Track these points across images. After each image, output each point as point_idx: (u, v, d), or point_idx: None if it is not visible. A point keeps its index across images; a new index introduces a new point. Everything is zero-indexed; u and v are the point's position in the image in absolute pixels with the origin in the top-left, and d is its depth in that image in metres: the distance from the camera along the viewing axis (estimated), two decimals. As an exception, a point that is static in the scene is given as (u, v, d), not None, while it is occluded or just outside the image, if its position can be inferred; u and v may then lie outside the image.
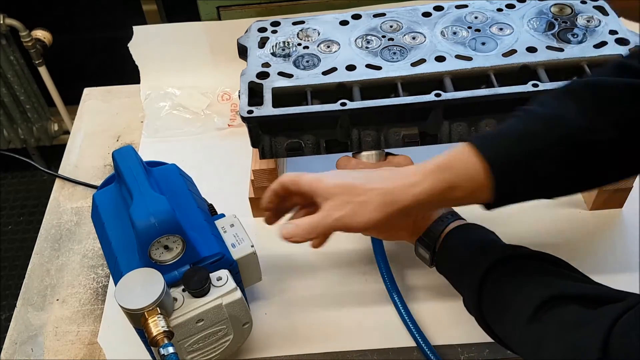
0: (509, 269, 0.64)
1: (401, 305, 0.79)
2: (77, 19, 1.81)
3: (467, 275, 0.66)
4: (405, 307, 0.79)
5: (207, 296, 0.66)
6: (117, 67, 1.28)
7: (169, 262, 0.66)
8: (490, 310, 0.64)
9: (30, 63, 1.81)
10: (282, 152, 0.82)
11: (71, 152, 1.09)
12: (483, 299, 0.64)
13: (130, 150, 0.71)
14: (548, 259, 0.65)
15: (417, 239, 0.74)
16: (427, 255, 0.73)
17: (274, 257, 0.87)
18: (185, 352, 0.68)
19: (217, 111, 1.09)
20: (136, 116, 1.12)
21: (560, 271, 0.63)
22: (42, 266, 0.91)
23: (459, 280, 0.69)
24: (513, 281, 0.63)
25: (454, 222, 0.72)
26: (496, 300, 0.63)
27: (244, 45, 0.88)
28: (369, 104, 0.78)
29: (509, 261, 0.64)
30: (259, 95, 0.81)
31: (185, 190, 0.75)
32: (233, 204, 0.83)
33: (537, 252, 0.66)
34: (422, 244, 0.73)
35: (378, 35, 0.87)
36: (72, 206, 0.99)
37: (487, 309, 0.65)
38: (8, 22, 1.69)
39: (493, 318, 0.64)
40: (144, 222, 0.63)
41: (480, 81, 0.80)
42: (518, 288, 0.61)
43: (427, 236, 0.72)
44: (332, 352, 0.78)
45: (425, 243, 0.72)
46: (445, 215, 0.73)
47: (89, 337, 0.82)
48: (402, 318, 0.79)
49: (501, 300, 0.63)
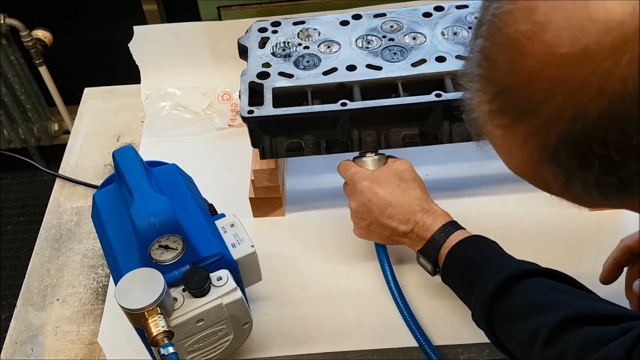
0: (521, 286, 0.64)
1: (403, 304, 0.79)
2: (77, 19, 1.81)
3: (477, 290, 0.67)
4: (407, 306, 0.79)
5: (207, 296, 0.66)
6: (117, 67, 1.28)
7: (169, 262, 0.66)
8: (502, 327, 0.65)
9: (30, 63, 1.81)
10: (282, 152, 0.82)
11: (71, 152, 1.08)
12: (494, 316, 0.65)
13: (130, 150, 0.71)
14: (557, 276, 0.65)
15: (419, 250, 0.74)
16: (430, 267, 0.74)
17: (274, 257, 0.87)
18: (185, 352, 0.68)
19: (218, 111, 1.09)
20: (136, 116, 1.12)
21: (571, 289, 0.63)
22: (42, 266, 0.91)
23: (467, 294, 0.70)
24: (525, 300, 0.63)
25: (455, 232, 0.72)
26: (508, 318, 0.64)
27: (245, 45, 0.88)
28: (369, 104, 0.78)
29: (520, 278, 0.64)
30: (259, 95, 0.81)
31: (185, 190, 0.75)
32: (233, 204, 0.83)
33: (546, 269, 0.66)
34: (424, 255, 0.74)
35: (378, 36, 0.87)
36: (72, 206, 0.99)
37: (498, 326, 0.65)
38: (8, 22, 1.69)
39: (505, 334, 0.65)
40: (144, 222, 0.63)
41: (481, 81, 0.80)
42: (532, 308, 0.61)
43: (428, 247, 0.73)
44: (332, 352, 0.78)
45: (426, 254, 0.73)
46: (446, 226, 0.73)
47: (89, 337, 0.82)
48: (403, 317, 0.79)
49: (514, 320, 0.63)
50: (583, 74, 0.34)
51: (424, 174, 0.98)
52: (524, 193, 0.92)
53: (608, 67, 0.33)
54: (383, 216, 0.75)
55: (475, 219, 0.89)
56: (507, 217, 0.90)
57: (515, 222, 0.88)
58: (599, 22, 0.33)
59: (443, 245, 0.72)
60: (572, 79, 0.34)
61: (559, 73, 0.35)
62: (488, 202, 0.92)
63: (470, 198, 0.93)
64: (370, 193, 0.76)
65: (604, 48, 0.33)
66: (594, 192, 0.39)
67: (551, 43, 0.35)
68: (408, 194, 0.76)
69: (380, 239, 0.79)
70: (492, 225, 0.88)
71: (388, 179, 0.77)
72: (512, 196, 0.92)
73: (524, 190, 0.92)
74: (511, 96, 0.38)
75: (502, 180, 0.93)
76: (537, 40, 0.36)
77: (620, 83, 0.33)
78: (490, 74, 0.40)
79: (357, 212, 0.78)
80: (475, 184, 0.94)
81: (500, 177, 0.94)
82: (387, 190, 0.76)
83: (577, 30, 0.34)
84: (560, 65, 0.35)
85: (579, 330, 0.56)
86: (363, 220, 0.78)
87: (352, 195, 0.78)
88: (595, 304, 0.61)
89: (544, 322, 0.58)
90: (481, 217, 0.90)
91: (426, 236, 0.73)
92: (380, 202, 0.75)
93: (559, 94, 0.35)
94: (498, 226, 0.89)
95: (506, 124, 0.40)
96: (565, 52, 0.34)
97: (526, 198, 0.91)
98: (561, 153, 0.38)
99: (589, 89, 0.34)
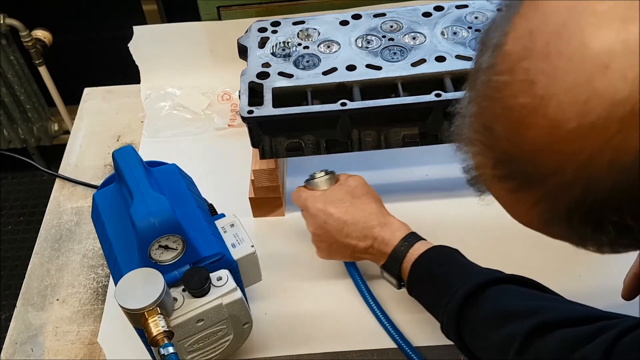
0: (487, 295, 0.64)
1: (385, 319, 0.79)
2: (77, 19, 1.81)
3: (444, 302, 0.66)
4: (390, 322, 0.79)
5: (207, 296, 0.66)
6: (117, 67, 1.28)
7: (169, 262, 0.66)
8: (472, 337, 0.65)
9: (30, 63, 1.81)
10: (282, 152, 0.82)
11: (71, 152, 1.08)
12: (464, 327, 0.65)
13: (130, 150, 0.71)
14: (522, 281, 0.65)
15: (382, 265, 0.74)
16: (394, 281, 0.74)
17: (274, 257, 0.87)
18: (185, 352, 0.68)
19: (217, 111, 1.09)
20: (136, 116, 1.12)
21: (538, 294, 0.64)
22: (42, 266, 0.91)
23: (434, 307, 0.70)
24: (494, 309, 0.63)
25: (415, 245, 0.72)
26: (478, 328, 0.64)
27: (244, 45, 0.88)
28: (369, 104, 0.78)
29: (486, 287, 0.64)
30: (259, 95, 0.81)
31: (185, 190, 0.75)
32: (233, 204, 0.83)
33: (510, 276, 0.66)
34: (387, 270, 0.74)
35: (378, 35, 0.87)
36: (72, 206, 0.99)
37: (468, 337, 0.65)
38: (8, 22, 1.69)
39: (476, 346, 0.65)
40: (144, 222, 0.63)
41: (481, 81, 0.80)
42: (501, 317, 0.61)
43: (390, 262, 0.73)
44: (332, 352, 0.78)
45: (389, 269, 0.73)
46: (405, 239, 0.73)
47: (89, 337, 0.82)
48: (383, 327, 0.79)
49: (484, 330, 0.63)
50: (592, 148, 0.33)
51: (424, 174, 0.98)
52: (524, 193, 0.91)
53: (618, 141, 0.32)
54: (341, 235, 0.75)
55: (475, 219, 0.90)
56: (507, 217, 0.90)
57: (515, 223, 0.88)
58: (604, 98, 0.32)
59: (405, 259, 0.71)
60: (581, 152, 0.33)
61: (567, 148, 0.33)
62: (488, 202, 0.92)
63: (470, 198, 0.91)
64: (325, 215, 0.76)
65: (612, 123, 0.32)
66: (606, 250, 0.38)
67: (556, 118, 0.33)
68: (362, 209, 0.75)
69: (344, 257, 0.80)
70: (492, 225, 0.88)
71: (340, 198, 0.76)
72: (512, 196, 0.92)
73: (523, 190, 0.92)
74: (515, 165, 0.36)
75: (502, 180, 0.93)
76: (540, 114, 0.34)
77: (631, 156, 0.32)
78: (491, 141, 0.38)
79: (316, 236, 0.78)
80: (475, 183, 0.94)
81: (500, 177, 0.93)
82: (341, 210, 0.75)
83: (582, 105, 0.32)
84: (567, 141, 0.33)
85: (553, 335, 0.56)
86: (323, 242, 0.78)
87: (308, 219, 0.78)
88: (565, 306, 0.61)
89: (516, 330, 0.58)
90: (481, 217, 0.90)
91: (387, 251, 0.73)
92: (335, 223, 0.75)
93: (568, 166, 0.34)
94: (498, 226, 0.89)
95: (511, 188, 0.38)
96: (571, 127, 0.33)
97: (526, 198, 0.91)
98: (573, 219, 0.36)
99: (599, 163, 0.33)
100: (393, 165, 0.98)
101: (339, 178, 0.80)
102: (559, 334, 0.55)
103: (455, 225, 0.88)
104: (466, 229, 0.88)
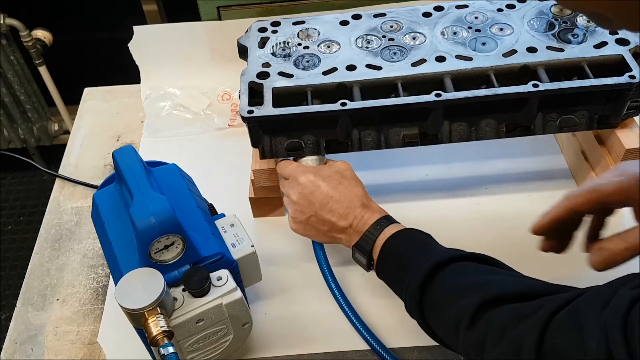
0: (446, 273, 0.65)
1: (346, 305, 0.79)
2: (77, 19, 1.81)
3: (407, 281, 0.67)
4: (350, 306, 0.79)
5: (207, 296, 0.66)
6: (117, 67, 1.28)
7: (169, 262, 0.66)
8: (431, 315, 0.65)
9: (30, 63, 1.82)
10: (282, 152, 0.82)
11: (71, 152, 1.09)
12: (424, 305, 0.65)
13: (130, 150, 0.71)
14: (483, 259, 0.66)
15: (354, 245, 0.75)
16: (364, 260, 0.74)
17: (274, 257, 0.87)
18: (185, 352, 0.68)
19: (217, 111, 1.09)
20: (136, 116, 1.12)
21: (494, 269, 0.64)
22: (42, 266, 0.91)
23: (399, 286, 0.70)
24: (450, 286, 0.63)
25: (389, 226, 0.73)
26: (436, 306, 0.64)
27: (244, 45, 0.88)
28: (369, 104, 0.78)
29: (445, 265, 0.65)
30: (259, 95, 0.81)
31: (185, 190, 0.75)
32: (233, 204, 0.83)
33: (472, 254, 0.67)
34: (358, 249, 0.74)
35: (378, 35, 0.87)
36: (72, 206, 0.99)
37: (428, 315, 0.66)
38: (8, 22, 1.69)
39: (435, 324, 0.65)
40: (144, 222, 0.63)
41: (481, 81, 0.80)
42: (456, 293, 0.62)
43: (363, 241, 0.74)
44: (332, 352, 0.78)
45: (361, 248, 0.74)
46: (380, 220, 0.74)
47: (89, 337, 0.82)
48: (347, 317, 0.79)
49: (441, 306, 0.64)
50: None
51: (424, 174, 0.98)
52: (524, 193, 0.92)
53: None
54: (324, 210, 0.76)
55: (475, 219, 0.90)
56: (507, 217, 0.90)
57: (515, 222, 0.88)
58: None
59: (378, 238, 0.72)
60: None
61: None
62: (488, 202, 0.92)
63: (470, 198, 0.93)
64: (314, 186, 0.76)
65: None
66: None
67: None
68: (350, 190, 0.77)
69: (317, 234, 0.79)
70: (492, 225, 0.89)
71: (330, 175, 0.78)
72: (512, 196, 0.92)
73: (524, 190, 0.92)
74: None
75: (502, 180, 0.93)
76: None
77: None
78: None
79: (297, 205, 0.78)
80: (475, 184, 0.94)
81: (500, 177, 0.94)
82: (330, 185, 0.76)
83: None
84: None
85: (498, 310, 0.56)
86: (303, 213, 0.78)
87: (294, 187, 0.78)
88: (515, 280, 0.61)
89: (466, 305, 0.59)
90: (480, 217, 0.90)
91: (362, 230, 0.74)
92: (322, 196, 0.76)
93: None
94: (498, 226, 0.89)
95: None
96: None
97: (526, 198, 0.91)
98: None
99: None
100: (393, 165, 0.98)
101: (327, 161, 0.82)
102: (504, 309, 0.56)
103: (455, 225, 0.89)
104: (466, 229, 0.89)
